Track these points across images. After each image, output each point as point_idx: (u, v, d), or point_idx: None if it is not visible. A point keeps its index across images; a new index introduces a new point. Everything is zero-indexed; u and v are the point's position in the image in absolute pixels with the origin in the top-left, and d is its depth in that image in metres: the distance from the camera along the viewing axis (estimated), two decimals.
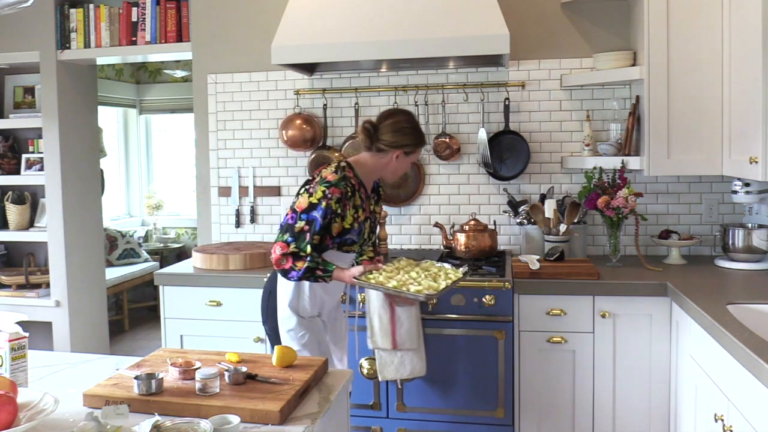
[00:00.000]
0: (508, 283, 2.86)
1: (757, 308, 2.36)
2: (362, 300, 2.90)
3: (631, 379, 2.85)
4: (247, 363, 1.89)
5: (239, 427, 1.50)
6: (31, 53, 4.04)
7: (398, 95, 3.57)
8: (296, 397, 1.68)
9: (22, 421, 1.51)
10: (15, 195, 4.29)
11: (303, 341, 2.45)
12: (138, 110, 7.27)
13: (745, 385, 1.87)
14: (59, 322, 4.14)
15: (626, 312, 2.83)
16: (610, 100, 3.42)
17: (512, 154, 3.45)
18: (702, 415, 2.35)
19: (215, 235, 3.87)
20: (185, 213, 7.23)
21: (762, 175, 2.48)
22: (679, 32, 2.95)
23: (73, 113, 4.19)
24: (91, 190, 4.42)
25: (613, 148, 3.25)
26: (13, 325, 1.90)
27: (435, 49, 3.01)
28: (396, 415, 2.99)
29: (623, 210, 3.04)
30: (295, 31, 3.14)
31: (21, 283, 4.19)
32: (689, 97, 2.96)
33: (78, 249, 4.23)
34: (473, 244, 3.21)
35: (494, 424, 2.91)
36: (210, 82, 3.81)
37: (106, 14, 3.91)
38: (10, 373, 1.77)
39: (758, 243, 3.01)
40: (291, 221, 2.35)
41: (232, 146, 3.81)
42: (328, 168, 2.44)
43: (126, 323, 6.23)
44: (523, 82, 3.47)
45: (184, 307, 3.24)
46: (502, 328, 2.87)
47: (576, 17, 3.41)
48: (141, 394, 1.67)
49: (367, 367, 2.94)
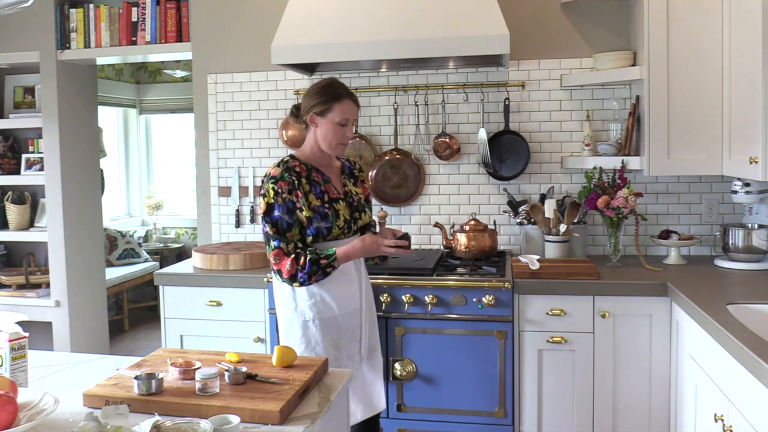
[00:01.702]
0: (508, 283, 2.86)
1: (757, 308, 2.36)
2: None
3: (631, 379, 2.85)
4: (247, 363, 1.89)
5: (239, 427, 1.50)
6: (31, 53, 4.04)
7: (398, 95, 3.57)
8: (296, 397, 1.68)
9: (22, 421, 1.51)
10: (15, 195, 4.29)
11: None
12: (138, 110, 7.27)
13: (745, 385, 1.87)
14: (59, 322, 4.13)
15: (626, 312, 2.83)
16: (610, 100, 3.41)
17: (512, 154, 3.45)
18: (702, 415, 2.35)
19: (215, 235, 3.87)
20: (185, 213, 7.23)
21: (762, 175, 2.48)
22: (679, 32, 2.95)
23: (73, 113, 4.19)
24: (91, 190, 4.42)
25: (613, 148, 3.25)
26: (13, 325, 1.90)
27: (435, 49, 3.01)
28: (396, 415, 2.99)
29: (623, 210, 3.04)
30: (295, 31, 3.14)
31: (21, 283, 4.19)
32: (689, 97, 2.96)
33: (78, 249, 4.23)
34: (473, 244, 3.21)
35: (494, 424, 2.91)
36: (210, 82, 3.81)
37: (106, 14, 3.91)
38: (10, 373, 1.77)
39: (758, 243, 3.01)
40: (264, 229, 2.35)
41: (232, 146, 3.81)
42: (272, 166, 2.42)
43: (126, 323, 6.23)
44: (523, 82, 3.47)
45: (184, 307, 3.24)
46: (502, 328, 2.87)
47: (576, 17, 3.41)
48: (141, 394, 1.67)
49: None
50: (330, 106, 2.36)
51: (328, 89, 2.38)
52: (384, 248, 2.33)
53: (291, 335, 2.41)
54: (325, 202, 2.37)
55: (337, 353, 2.39)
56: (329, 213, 2.36)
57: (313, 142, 2.44)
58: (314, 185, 2.37)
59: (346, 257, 2.33)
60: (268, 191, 2.34)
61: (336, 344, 2.40)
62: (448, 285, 2.91)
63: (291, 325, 2.42)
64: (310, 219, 2.33)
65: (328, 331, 2.38)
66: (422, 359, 2.94)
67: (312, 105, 2.39)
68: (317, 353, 2.36)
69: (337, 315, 2.39)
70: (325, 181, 2.41)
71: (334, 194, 2.41)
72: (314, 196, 2.36)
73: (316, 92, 2.39)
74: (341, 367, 2.34)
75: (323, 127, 2.39)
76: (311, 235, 2.35)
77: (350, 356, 2.43)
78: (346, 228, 2.40)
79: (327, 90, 2.38)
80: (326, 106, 2.36)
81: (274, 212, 2.32)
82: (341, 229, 2.38)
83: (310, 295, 2.38)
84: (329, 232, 2.36)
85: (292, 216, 2.32)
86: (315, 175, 2.40)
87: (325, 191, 2.38)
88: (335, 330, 2.40)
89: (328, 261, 2.29)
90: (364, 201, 2.54)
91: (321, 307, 2.38)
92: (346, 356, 2.41)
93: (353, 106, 2.40)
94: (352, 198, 2.47)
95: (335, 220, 2.37)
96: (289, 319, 2.42)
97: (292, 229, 2.32)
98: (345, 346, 2.42)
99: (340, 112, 2.36)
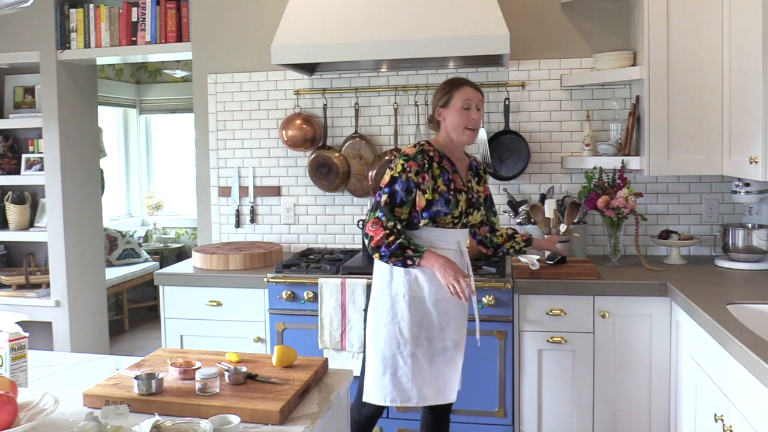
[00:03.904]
0: (508, 283, 2.86)
1: (757, 308, 2.36)
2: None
3: (631, 379, 2.85)
4: (247, 363, 1.89)
5: (239, 427, 1.50)
6: (31, 53, 4.04)
7: (398, 95, 3.57)
8: (296, 397, 1.68)
9: (22, 421, 1.51)
10: (15, 195, 4.29)
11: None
12: (138, 110, 7.27)
13: (745, 385, 1.87)
14: (59, 322, 4.13)
15: (626, 312, 2.83)
16: (610, 100, 3.42)
17: (512, 154, 3.45)
18: (702, 415, 2.35)
19: (215, 235, 3.87)
20: (185, 213, 7.23)
21: (762, 175, 2.48)
22: (679, 32, 2.95)
23: (73, 113, 4.19)
24: (91, 190, 4.42)
25: (613, 148, 3.25)
26: (13, 325, 1.90)
27: (435, 49, 3.01)
28: (396, 415, 2.99)
29: (623, 210, 3.04)
30: (295, 31, 3.14)
31: (21, 283, 4.19)
32: (689, 97, 2.96)
33: (78, 249, 4.23)
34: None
35: (494, 424, 2.91)
36: (210, 82, 3.81)
37: (106, 14, 3.91)
38: (10, 373, 1.77)
39: (758, 243, 3.01)
40: (378, 198, 2.44)
41: (232, 146, 3.81)
42: (408, 146, 2.54)
43: (126, 323, 6.23)
44: (523, 82, 3.47)
45: (184, 307, 3.24)
46: (502, 328, 2.87)
47: (576, 17, 3.41)
48: (141, 394, 1.67)
49: None
50: (450, 95, 2.49)
51: (446, 84, 2.54)
52: (449, 282, 2.36)
53: (380, 306, 2.49)
54: (451, 189, 2.47)
55: (419, 333, 2.46)
56: (451, 200, 2.46)
57: (444, 135, 2.54)
58: (444, 172, 2.48)
59: (428, 262, 2.38)
60: (396, 165, 2.44)
61: (419, 324, 2.46)
62: None
63: (382, 297, 2.50)
64: (431, 202, 2.42)
65: (415, 310, 2.46)
66: None
67: (436, 102, 2.54)
68: (400, 328, 2.44)
69: (427, 297, 2.46)
70: (454, 171, 2.51)
71: (459, 185, 2.51)
72: (442, 181, 2.46)
73: (437, 91, 2.55)
74: (420, 348, 2.45)
75: (450, 117, 2.50)
76: (427, 219, 2.43)
77: (430, 339, 2.48)
78: (458, 219, 2.50)
79: (445, 85, 2.54)
80: (447, 96, 2.50)
81: (395, 185, 2.42)
82: (456, 217, 2.48)
83: (405, 272, 2.46)
84: (445, 217, 2.45)
85: (408, 196, 2.41)
86: (446, 163, 2.50)
87: (452, 180, 2.49)
88: (422, 311, 2.47)
89: (413, 254, 2.37)
90: (483, 200, 2.64)
91: (413, 286, 2.46)
92: (425, 338, 2.47)
93: (473, 91, 2.50)
94: (473, 194, 2.57)
95: (454, 208, 2.46)
96: (381, 291, 2.50)
97: (402, 207, 2.41)
98: (428, 329, 2.48)
99: (460, 96, 2.48)
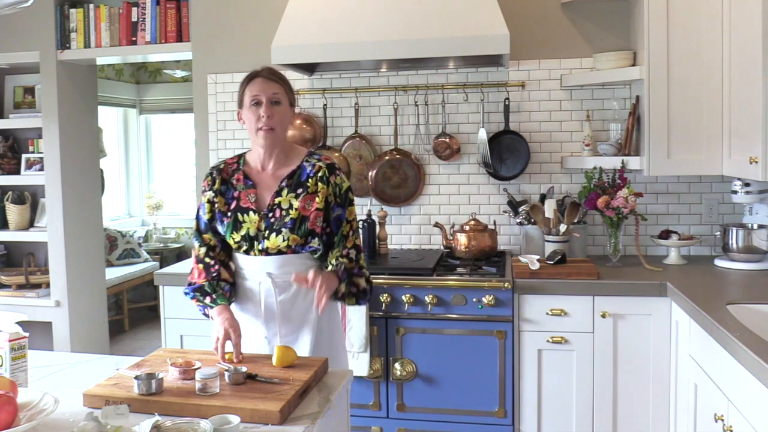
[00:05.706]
0: (508, 283, 2.86)
1: (757, 308, 2.36)
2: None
3: (631, 379, 2.85)
4: (247, 363, 1.89)
5: (239, 427, 1.50)
6: (31, 53, 4.04)
7: (398, 95, 3.57)
8: (296, 397, 1.68)
9: (22, 421, 1.51)
10: (15, 195, 4.29)
11: None
12: (138, 110, 7.28)
13: (745, 385, 1.87)
14: (59, 322, 4.13)
15: (626, 312, 2.83)
16: (610, 100, 3.41)
17: (512, 154, 3.45)
18: (702, 415, 2.35)
19: None
20: (185, 213, 7.23)
21: (762, 175, 2.48)
22: (679, 32, 2.95)
23: (73, 113, 4.19)
24: (91, 190, 4.42)
25: (613, 148, 3.25)
26: (13, 325, 1.90)
27: (435, 49, 3.01)
28: (396, 415, 2.99)
29: (623, 210, 3.04)
30: (295, 31, 3.14)
31: (21, 283, 4.19)
32: (689, 97, 2.96)
33: (78, 249, 4.23)
34: (473, 244, 3.21)
35: (494, 424, 2.91)
36: (210, 82, 3.81)
37: (106, 14, 3.91)
38: (10, 373, 1.77)
39: (758, 243, 3.01)
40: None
41: (232, 146, 3.81)
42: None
43: (126, 323, 6.23)
44: (523, 82, 3.47)
45: (184, 307, 3.22)
46: (502, 328, 2.88)
47: (576, 17, 3.41)
48: (141, 394, 1.67)
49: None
50: (242, 93, 2.14)
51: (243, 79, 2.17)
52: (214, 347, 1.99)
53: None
54: (230, 209, 2.13)
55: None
56: (225, 221, 2.13)
57: (252, 137, 2.18)
58: (230, 189, 2.16)
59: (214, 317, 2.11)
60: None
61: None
62: (448, 285, 2.91)
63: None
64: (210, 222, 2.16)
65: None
66: (422, 359, 2.94)
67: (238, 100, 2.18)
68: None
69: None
70: (248, 186, 2.15)
71: (247, 203, 2.13)
72: (224, 199, 2.15)
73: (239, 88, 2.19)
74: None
75: (245, 117, 2.14)
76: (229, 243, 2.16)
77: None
78: (247, 243, 2.11)
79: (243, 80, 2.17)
80: (240, 96, 2.15)
81: (199, 209, 2.21)
82: (237, 243, 2.12)
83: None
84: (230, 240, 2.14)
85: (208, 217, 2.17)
86: (237, 177, 2.17)
87: (238, 198, 2.14)
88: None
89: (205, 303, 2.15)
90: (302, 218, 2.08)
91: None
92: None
93: (262, 81, 2.11)
94: (275, 213, 2.11)
95: (233, 231, 2.12)
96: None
97: (205, 233, 2.18)
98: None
99: (249, 92, 2.12)
